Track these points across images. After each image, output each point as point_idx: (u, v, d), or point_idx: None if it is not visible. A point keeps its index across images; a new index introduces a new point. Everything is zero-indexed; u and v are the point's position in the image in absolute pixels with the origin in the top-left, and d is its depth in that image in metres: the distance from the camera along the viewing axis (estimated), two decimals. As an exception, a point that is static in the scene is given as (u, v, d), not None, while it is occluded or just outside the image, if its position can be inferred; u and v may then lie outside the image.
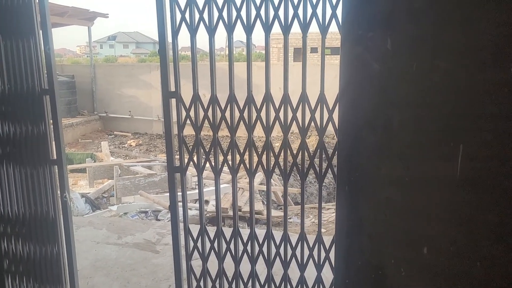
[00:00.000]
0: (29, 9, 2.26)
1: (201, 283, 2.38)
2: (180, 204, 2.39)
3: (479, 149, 1.85)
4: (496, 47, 1.75)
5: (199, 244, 2.35)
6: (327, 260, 2.22)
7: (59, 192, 2.47)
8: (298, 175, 2.22)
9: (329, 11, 1.98)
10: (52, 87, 2.33)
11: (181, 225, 2.38)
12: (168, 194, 6.16)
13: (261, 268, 2.31)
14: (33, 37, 2.28)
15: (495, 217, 1.88)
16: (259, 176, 7.23)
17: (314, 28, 2.05)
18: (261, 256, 2.29)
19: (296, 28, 2.05)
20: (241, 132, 2.18)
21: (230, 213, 5.59)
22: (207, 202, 5.71)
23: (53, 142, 2.41)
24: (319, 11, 1.98)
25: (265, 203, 6.86)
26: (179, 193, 2.38)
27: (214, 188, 5.74)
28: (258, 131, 2.16)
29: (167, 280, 3.15)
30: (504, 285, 1.93)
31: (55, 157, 2.41)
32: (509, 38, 1.72)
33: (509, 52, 1.73)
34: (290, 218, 5.64)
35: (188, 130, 2.25)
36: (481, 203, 1.89)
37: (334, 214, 5.83)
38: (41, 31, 2.29)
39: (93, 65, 15.06)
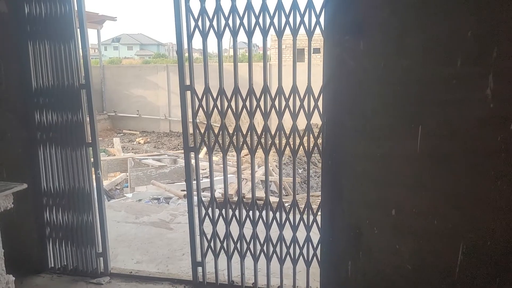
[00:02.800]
0: (69, 18, 2.75)
1: (212, 244, 2.87)
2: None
3: (434, 129, 2.35)
4: (446, 47, 2.25)
5: (209, 212, 2.84)
6: (314, 223, 2.70)
7: (93, 169, 2.97)
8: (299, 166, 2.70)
9: (314, 19, 2.46)
10: (88, 82, 2.83)
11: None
12: (177, 183, 6.65)
13: (260, 231, 2.80)
14: (72, 41, 2.77)
15: (447, 183, 2.38)
16: (262, 169, 7.73)
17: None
18: (260, 221, 2.78)
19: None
20: (243, 127, 2.65)
21: (235, 199, 6.07)
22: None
23: (88, 128, 2.90)
24: (306, 19, 2.46)
25: (266, 191, 7.34)
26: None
27: (219, 178, 6.20)
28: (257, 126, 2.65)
29: (181, 250, 3.64)
30: (456, 237, 2.40)
31: (90, 140, 2.91)
32: (456, 40, 2.20)
33: (455, 51, 2.22)
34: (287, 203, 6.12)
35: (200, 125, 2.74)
36: (437, 172, 2.39)
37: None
38: (79, 35, 2.78)
39: (102, 66, 15.60)
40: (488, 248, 2.39)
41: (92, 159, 2.95)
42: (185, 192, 6.10)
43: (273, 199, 6.05)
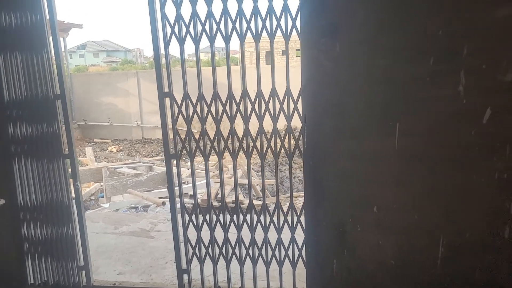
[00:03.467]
0: (41, 27, 2.69)
1: (196, 250, 2.85)
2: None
3: (411, 126, 2.41)
4: (419, 46, 2.30)
5: (193, 218, 2.82)
6: (299, 223, 2.72)
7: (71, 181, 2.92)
8: (273, 169, 2.72)
9: (290, 22, 2.49)
10: (63, 93, 2.78)
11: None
12: (154, 191, 6.59)
13: (244, 235, 2.80)
14: (45, 51, 2.72)
15: (426, 178, 2.44)
16: (238, 172, 7.73)
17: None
18: (245, 225, 2.79)
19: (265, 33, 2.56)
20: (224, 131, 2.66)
21: (214, 203, 6.05)
22: (191, 196, 6.16)
23: (65, 139, 2.84)
24: (282, 22, 2.49)
25: (246, 194, 7.36)
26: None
27: (197, 184, 6.18)
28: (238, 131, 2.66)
29: (163, 258, 3.60)
30: (435, 230, 2.47)
31: (67, 151, 2.85)
32: (428, 39, 2.26)
33: (428, 50, 2.28)
34: (268, 206, 6.15)
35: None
36: (415, 168, 2.45)
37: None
38: (52, 45, 2.73)
39: (69, 74, 15.29)
40: (467, 239, 2.47)
41: (70, 170, 2.89)
42: (164, 200, 6.05)
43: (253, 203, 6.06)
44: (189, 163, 8.51)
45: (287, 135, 2.63)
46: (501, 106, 2.26)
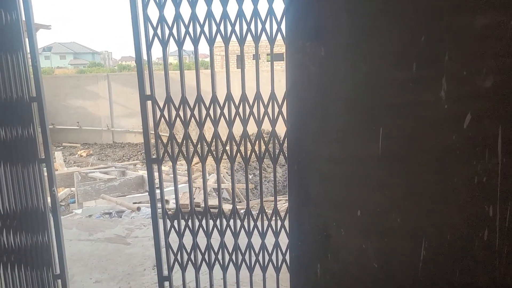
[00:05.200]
0: (17, 27, 2.59)
1: (178, 257, 2.79)
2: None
3: (394, 131, 2.43)
4: (403, 52, 2.33)
5: (175, 224, 2.76)
6: (283, 228, 2.71)
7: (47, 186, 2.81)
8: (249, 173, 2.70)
9: (275, 26, 2.49)
10: (40, 95, 2.68)
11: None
12: (128, 196, 6.45)
13: (229, 240, 2.77)
14: (21, 51, 2.61)
15: (407, 181, 2.47)
16: (213, 177, 7.67)
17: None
18: (228, 230, 2.75)
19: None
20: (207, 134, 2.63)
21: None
22: (167, 201, 6.07)
23: (41, 143, 2.74)
24: (267, 26, 2.49)
25: (233, 199, 7.31)
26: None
27: (169, 189, 6.06)
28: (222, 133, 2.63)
29: (141, 265, 3.52)
30: (418, 234, 2.50)
31: (43, 156, 2.75)
32: (411, 45, 2.30)
33: (411, 56, 2.32)
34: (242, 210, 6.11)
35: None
36: (398, 172, 2.47)
37: (285, 204, 6.34)
38: (28, 45, 2.63)
39: (36, 77, 14.85)
40: (447, 242, 2.51)
41: (46, 175, 2.79)
42: (138, 205, 5.93)
43: (226, 207, 6.02)
44: (163, 167, 8.40)
45: (271, 139, 2.62)
46: (480, 112, 2.31)
